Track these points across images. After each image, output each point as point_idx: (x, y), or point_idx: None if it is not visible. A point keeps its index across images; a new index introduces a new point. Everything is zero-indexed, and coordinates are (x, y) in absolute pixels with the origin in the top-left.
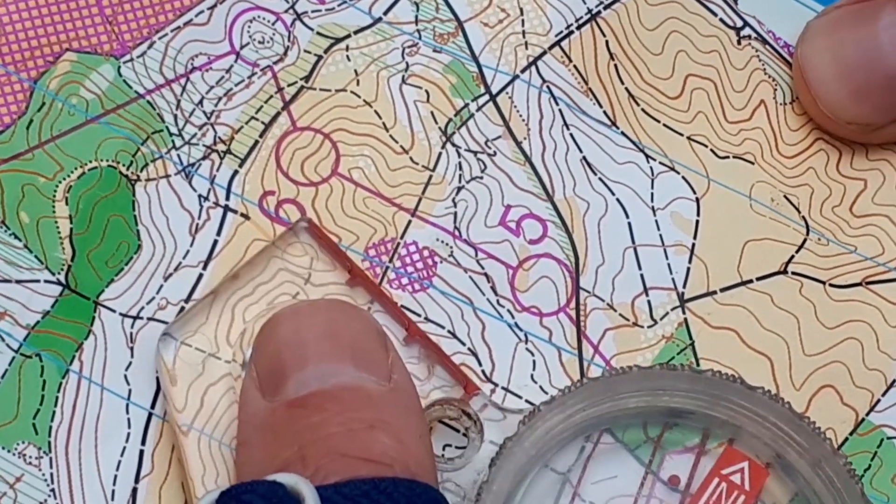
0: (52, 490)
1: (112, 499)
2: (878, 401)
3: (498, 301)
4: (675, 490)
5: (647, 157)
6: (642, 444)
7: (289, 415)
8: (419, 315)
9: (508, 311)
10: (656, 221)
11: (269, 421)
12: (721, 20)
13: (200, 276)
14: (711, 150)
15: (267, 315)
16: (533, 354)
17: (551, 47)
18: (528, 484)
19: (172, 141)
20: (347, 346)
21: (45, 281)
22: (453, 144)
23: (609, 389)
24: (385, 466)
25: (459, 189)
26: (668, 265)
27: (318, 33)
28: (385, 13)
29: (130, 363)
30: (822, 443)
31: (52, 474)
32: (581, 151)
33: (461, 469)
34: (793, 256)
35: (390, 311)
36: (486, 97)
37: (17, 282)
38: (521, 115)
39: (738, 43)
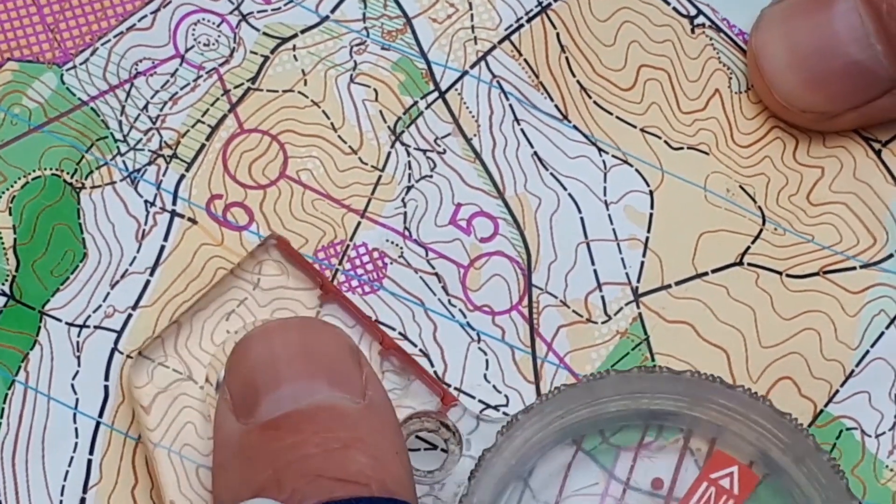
0: (0, 501)
1: None
2: (837, 392)
3: (449, 301)
4: (657, 494)
5: (600, 150)
6: (620, 449)
7: (263, 437)
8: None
9: (460, 310)
10: (609, 216)
11: (244, 444)
12: (674, 9)
13: (148, 282)
14: (665, 142)
15: (238, 336)
16: (486, 354)
17: (501, 41)
18: (508, 495)
19: (117, 147)
20: (320, 364)
21: None
22: (402, 143)
23: (587, 395)
24: (362, 486)
25: (409, 188)
26: (622, 260)
27: (265, 34)
28: (332, 11)
29: (77, 372)
30: (805, 439)
31: None
32: (532, 147)
33: (442, 482)
34: (749, 247)
35: (364, 325)
36: (436, 94)
37: None
38: (470, 112)
39: (692, 32)
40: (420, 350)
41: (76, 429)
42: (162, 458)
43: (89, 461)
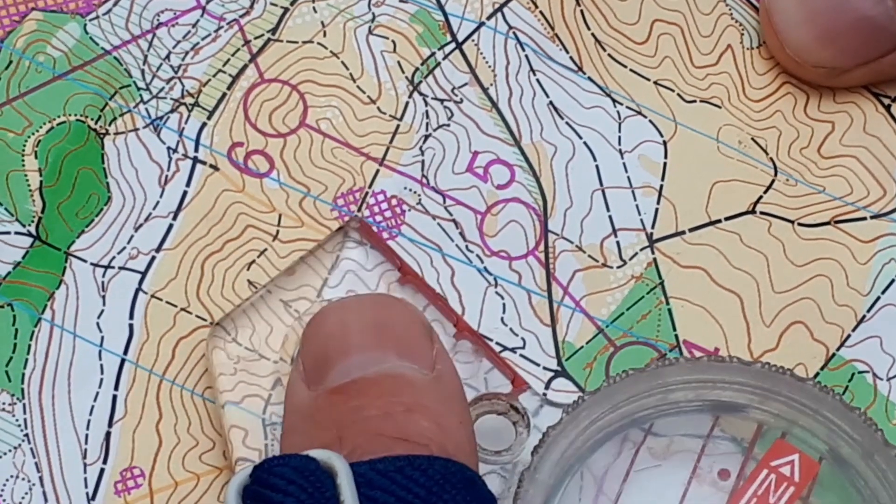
0: (26, 435)
1: (86, 442)
2: (849, 336)
3: (467, 246)
4: (722, 486)
5: (614, 101)
6: (686, 439)
7: (330, 401)
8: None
9: (477, 255)
10: (624, 164)
11: (312, 408)
12: None
13: (171, 226)
14: (678, 95)
15: (313, 311)
16: (503, 298)
17: None
18: (571, 477)
19: (140, 95)
20: (391, 336)
21: (16, 233)
22: (420, 93)
23: (655, 381)
24: (421, 446)
25: (427, 137)
26: (637, 206)
27: None
28: None
29: (102, 311)
30: (874, 434)
31: (25, 420)
32: (548, 96)
33: (510, 463)
34: (761, 197)
35: (439, 306)
36: (453, 45)
37: None
38: (487, 62)
39: None
40: (438, 294)
41: (101, 365)
42: (231, 413)
43: (114, 397)
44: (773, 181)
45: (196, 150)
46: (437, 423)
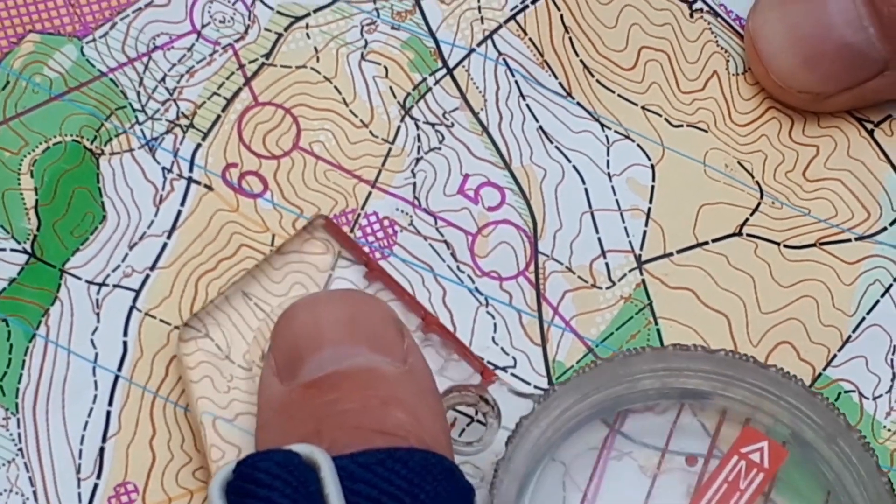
0: (20, 449)
1: (80, 458)
2: (835, 356)
3: (458, 267)
4: (690, 470)
5: (603, 126)
6: (654, 426)
7: (305, 395)
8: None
9: (468, 276)
10: (612, 187)
11: (286, 403)
12: None
13: (165, 244)
14: (666, 119)
15: (283, 307)
16: (494, 318)
17: (507, 21)
18: (543, 466)
19: (136, 116)
20: (363, 330)
21: (11, 250)
22: (412, 117)
23: (623, 370)
24: (400, 438)
25: (418, 160)
26: (625, 228)
27: (278, 12)
28: None
29: (97, 328)
30: (837, 418)
31: (19, 434)
32: (537, 121)
33: (479, 453)
34: (747, 219)
35: (406, 301)
36: (444, 71)
37: None
38: (477, 87)
39: (691, 16)
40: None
41: (95, 381)
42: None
43: (108, 412)
44: (759, 204)
45: (191, 170)
46: (413, 415)
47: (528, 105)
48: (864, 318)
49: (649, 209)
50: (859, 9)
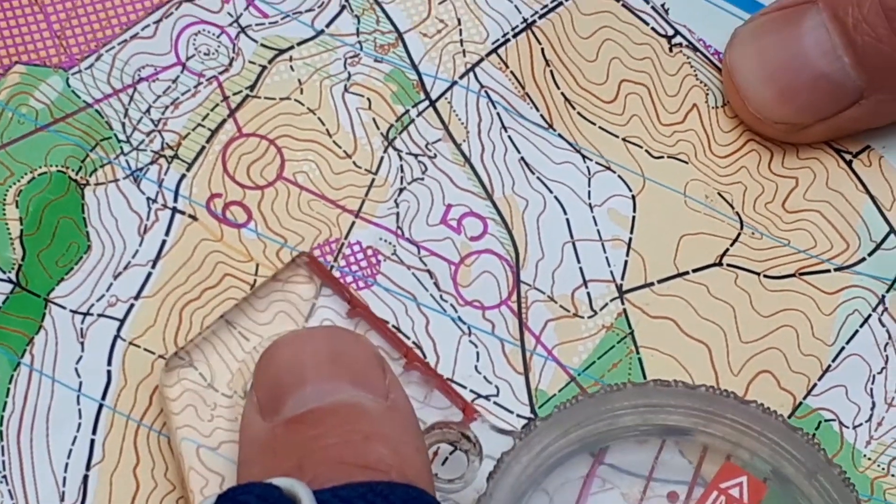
0: (4, 477)
1: (63, 485)
2: (815, 385)
3: (441, 296)
4: None
5: (584, 157)
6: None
7: (287, 431)
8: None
9: (451, 305)
10: (594, 217)
11: (269, 439)
12: (653, 29)
13: (149, 274)
14: (646, 151)
15: (266, 343)
16: (476, 346)
17: (488, 54)
18: (527, 500)
19: (121, 147)
20: (345, 366)
21: None
22: (395, 148)
23: (604, 406)
24: (381, 473)
25: (401, 190)
26: (607, 258)
27: (262, 45)
28: (327, 25)
29: (81, 357)
30: (817, 454)
31: (3, 461)
32: (519, 152)
33: (461, 490)
34: (727, 249)
35: (388, 338)
36: (426, 103)
37: None
38: (460, 119)
39: (670, 50)
40: (413, 343)
41: (79, 410)
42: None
43: (92, 441)
44: (739, 234)
45: (175, 200)
46: (395, 450)
47: (509, 137)
48: (843, 348)
49: (630, 239)
50: (834, 39)
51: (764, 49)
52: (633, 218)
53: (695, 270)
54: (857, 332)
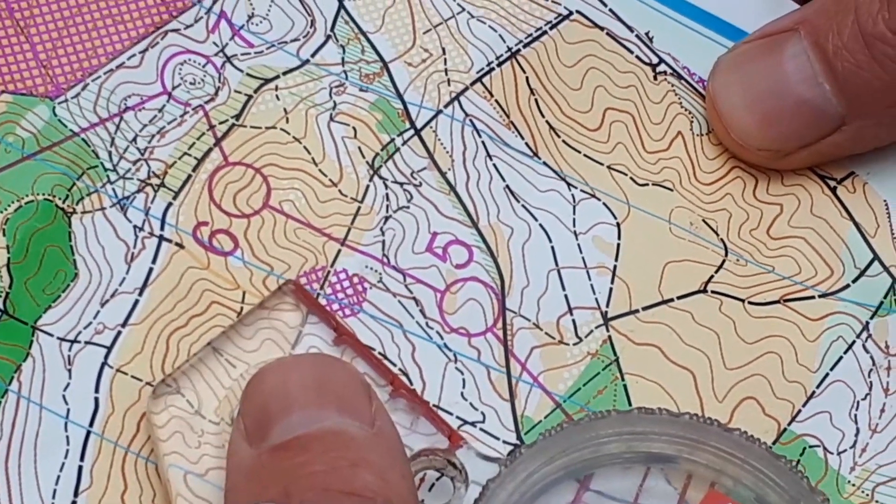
0: None
1: None
2: (799, 411)
3: (427, 323)
4: None
5: (569, 185)
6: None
7: (273, 458)
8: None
9: (437, 332)
10: (578, 245)
11: (256, 466)
12: (637, 57)
13: (136, 301)
14: (631, 179)
15: (252, 371)
16: (462, 373)
17: (473, 83)
18: None
19: (107, 176)
20: (331, 393)
21: None
22: (380, 177)
23: (589, 434)
24: (368, 500)
25: (387, 219)
26: (592, 286)
27: (248, 74)
28: (312, 55)
29: (68, 384)
30: (800, 482)
31: None
32: (504, 180)
33: None
34: (712, 276)
35: (374, 365)
36: (412, 132)
37: None
38: (445, 148)
39: (655, 78)
40: (399, 369)
41: (67, 437)
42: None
43: (80, 467)
44: (723, 261)
45: (162, 228)
46: (382, 477)
47: (494, 165)
48: (827, 374)
49: (615, 266)
50: (815, 66)
51: (746, 76)
52: (618, 245)
53: (679, 297)
54: (841, 358)
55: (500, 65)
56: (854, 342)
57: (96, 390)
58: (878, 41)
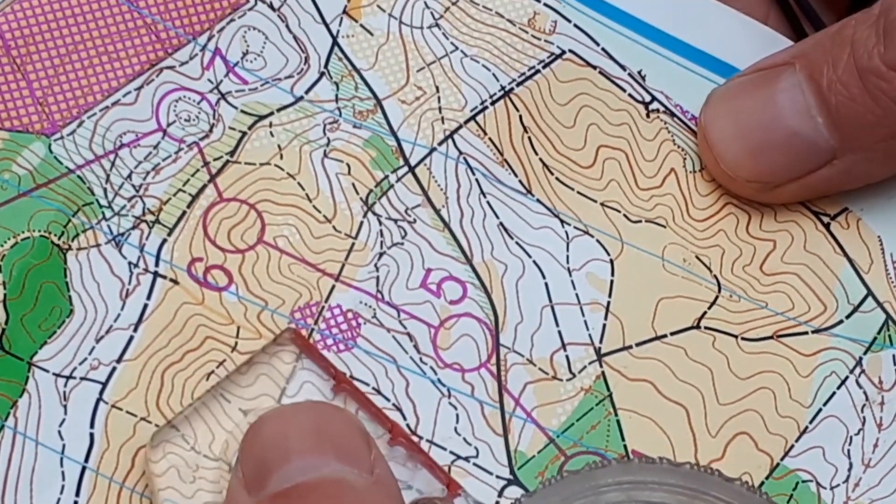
0: None
1: None
2: (792, 446)
3: (421, 359)
4: None
5: (562, 222)
6: None
7: None
8: (345, 373)
9: (431, 367)
10: (572, 281)
11: None
12: (630, 95)
13: (131, 337)
14: (624, 216)
15: (252, 418)
16: (456, 408)
17: (467, 122)
18: None
19: (102, 212)
20: (330, 441)
21: None
22: (374, 213)
23: (588, 483)
24: None
25: (381, 255)
26: (585, 322)
27: (242, 111)
28: (306, 92)
29: (64, 420)
30: None
31: None
32: (498, 217)
33: None
34: (705, 312)
35: (373, 413)
36: (406, 169)
37: None
38: (439, 185)
39: (648, 116)
40: (393, 404)
41: (63, 472)
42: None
43: (75, 503)
44: (717, 297)
45: (156, 264)
46: None
47: (488, 202)
48: (820, 410)
49: (608, 303)
50: (808, 99)
51: (739, 108)
52: (612, 282)
53: (673, 333)
54: (834, 393)
55: (493, 103)
56: (847, 377)
57: (91, 426)
58: (872, 75)
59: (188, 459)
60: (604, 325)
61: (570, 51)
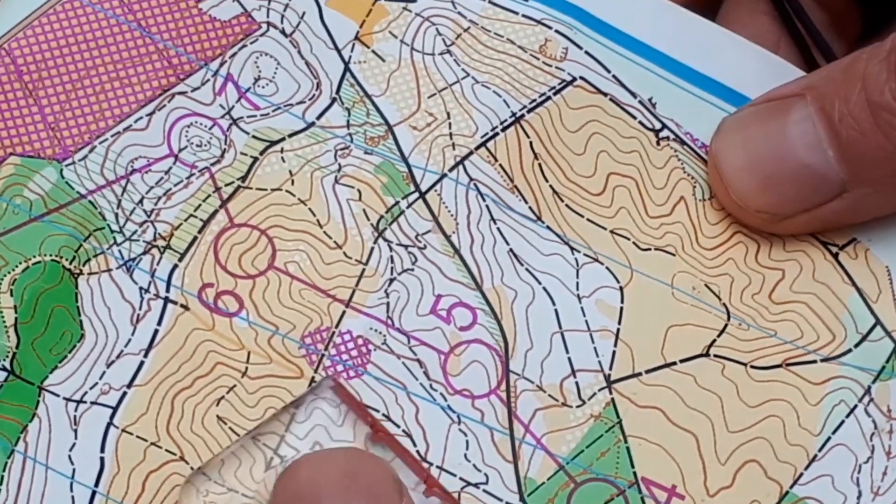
0: None
1: None
2: (801, 474)
3: (431, 385)
4: None
5: (572, 249)
6: None
7: None
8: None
9: (441, 394)
10: (582, 308)
11: None
12: (640, 122)
13: (142, 363)
14: (634, 243)
15: (286, 464)
16: (466, 435)
17: (477, 148)
18: None
19: (114, 237)
20: (362, 489)
21: None
22: (385, 239)
23: None
24: None
25: (391, 281)
26: (595, 349)
27: (254, 137)
28: (318, 118)
29: (74, 444)
30: None
31: None
32: (508, 244)
33: None
34: (714, 340)
35: (409, 463)
36: (416, 195)
37: None
38: (449, 211)
39: (658, 144)
40: (403, 431)
41: (73, 497)
42: None
43: None
44: (726, 325)
45: (167, 290)
46: None
47: (499, 228)
48: (829, 438)
49: (618, 330)
50: (819, 132)
51: (749, 138)
52: (621, 309)
53: (682, 361)
54: (843, 422)
55: (504, 129)
56: (856, 406)
57: (102, 450)
58: (883, 111)
59: (199, 485)
60: (613, 352)
61: (581, 77)
